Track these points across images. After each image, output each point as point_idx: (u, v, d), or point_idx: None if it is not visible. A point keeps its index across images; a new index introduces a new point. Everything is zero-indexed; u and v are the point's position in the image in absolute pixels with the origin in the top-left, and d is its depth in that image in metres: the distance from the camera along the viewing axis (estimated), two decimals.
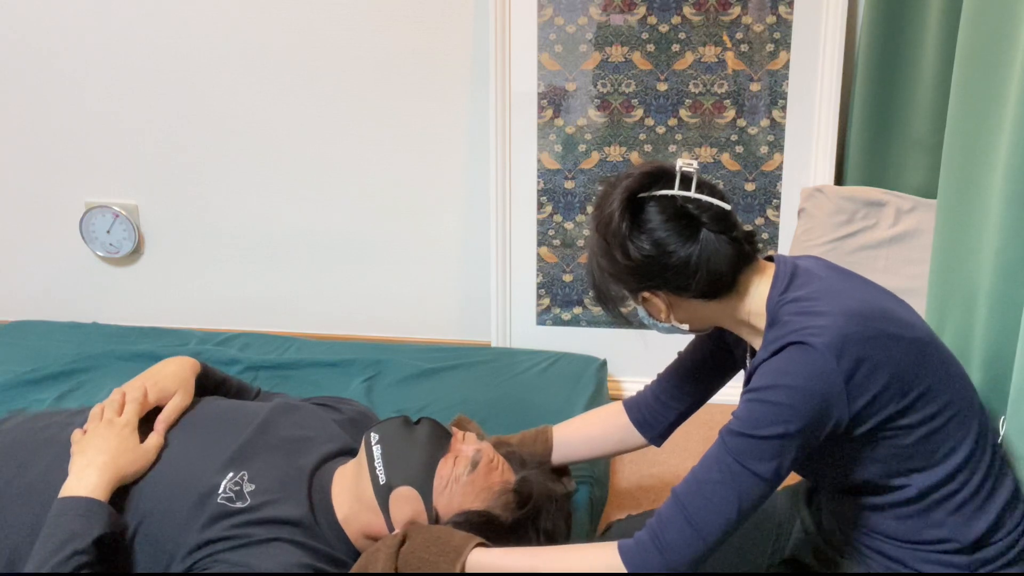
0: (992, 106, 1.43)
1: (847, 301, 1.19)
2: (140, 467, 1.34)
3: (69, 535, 1.21)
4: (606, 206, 1.24)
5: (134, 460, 1.34)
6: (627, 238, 1.21)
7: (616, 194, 1.23)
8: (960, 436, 1.21)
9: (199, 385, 1.54)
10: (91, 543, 1.21)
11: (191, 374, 1.51)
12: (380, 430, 1.40)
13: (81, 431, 1.37)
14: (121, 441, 1.34)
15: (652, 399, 1.53)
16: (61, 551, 1.19)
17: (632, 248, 1.21)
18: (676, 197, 1.21)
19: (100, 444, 1.33)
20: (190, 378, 1.50)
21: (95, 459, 1.31)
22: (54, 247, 2.72)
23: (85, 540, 1.20)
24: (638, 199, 1.22)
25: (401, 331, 2.66)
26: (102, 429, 1.36)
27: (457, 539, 1.27)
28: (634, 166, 1.27)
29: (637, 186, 1.23)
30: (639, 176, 1.23)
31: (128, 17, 2.46)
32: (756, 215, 2.38)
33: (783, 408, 1.13)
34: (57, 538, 1.20)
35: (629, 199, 1.22)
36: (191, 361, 1.54)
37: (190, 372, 1.51)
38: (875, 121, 2.23)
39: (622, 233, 1.21)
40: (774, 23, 2.26)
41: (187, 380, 1.49)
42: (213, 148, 2.56)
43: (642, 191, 1.22)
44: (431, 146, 2.48)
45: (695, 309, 1.27)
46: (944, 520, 1.22)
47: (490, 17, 2.29)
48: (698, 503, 1.15)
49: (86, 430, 1.37)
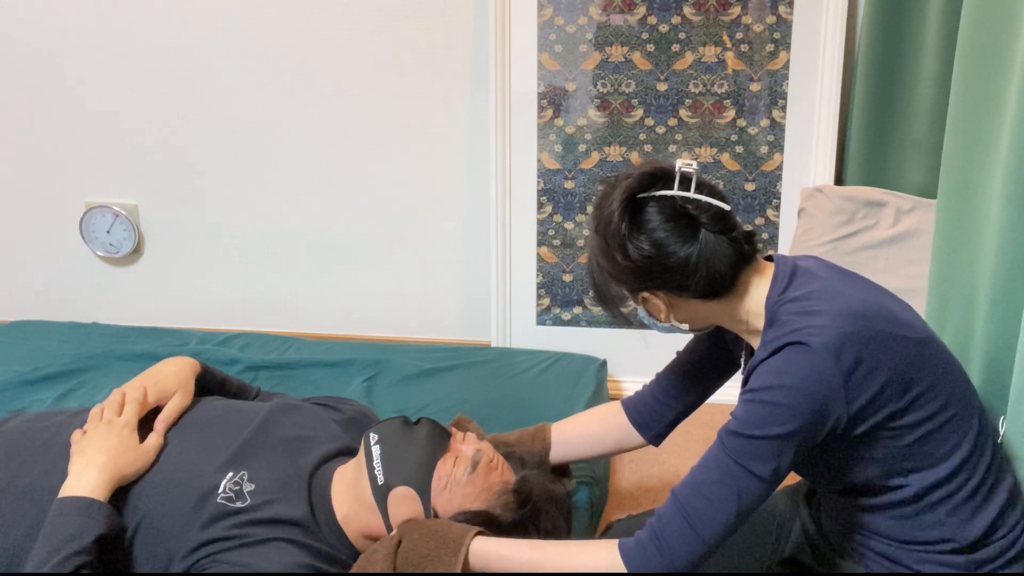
0: (992, 106, 1.43)
1: (846, 301, 1.19)
2: (139, 467, 1.34)
3: (68, 535, 1.21)
4: (606, 206, 1.24)
5: (133, 460, 1.34)
6: (627, 239, 1.21)
7: (616, 195, 1.23)
8: (959, 436, 1.21)
9: (199, 386, 1.54)
10: (90, 543, 1.21)
11: (191, 374, 1.51)
12: (379, 430, 1.40)
13: (81, 431, 1.38)
14: (120, 441, 1.34)
15: (650, 399, 1.53)
16: (60, 551, 1.19)
17: (632, 248, 1.21)
18: (675, 198, 1.21)
19: (99, 444, 1.33)
20: (190, 378, 1.50)
21: (95, 459, 1.31)
22: (54, 247, 2.72)
23: (84, 540, 1.20)
24: (638, 200, 1.22)
25: (401, 331, 2.66)
26: (102, 429, 1.36)
27: (456, 530, 1.27)
28: (634, 166, 1.28)
29: (637, 186, 1.23)
30: (639, 176, 1.23)
31: (128, 17, 2.46)
32: (756, 215, 2.38)
33: (781, 408, 1.13)
34: (57, 538, 1.20)
35: (629, 199, 1.22)
36: (191, 361, 1.54)
37: (190, 372, 1.52)
38: (875, 121, 2.23)
39: (621, 233, 1.21)
40: (774, 23, 2.26)
41: (187, 380, 1.49)
42: (213, 148, 2.56)
43: (642, 191, 1.23)
44: (431, 146, 2.48)
45: (694, 309, 1.27)
46: (943, 520, 1.22)
47: (490, 17, 2.29)
48: (698, 503, 1.16)
49: (86, 430, 1.37)
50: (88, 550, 1.20)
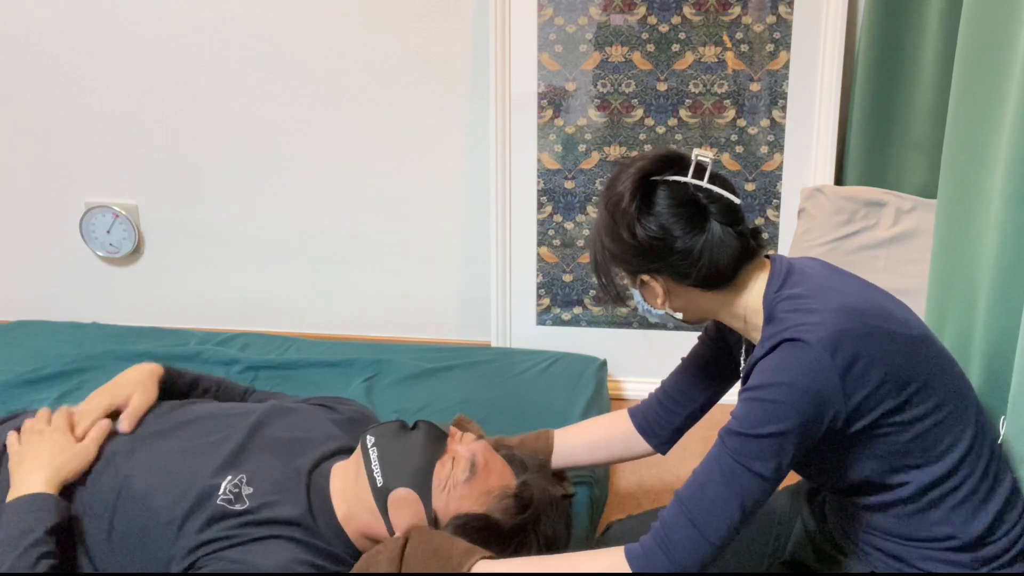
0: (992, 106, 1.43)
1: (842, 298, 1.19)
2: (78, 463, 1.37)
3: (20, 532, 1.23)
4: (617, 184, 1.24)
5: (70, 458, 1.36)
6: (635, 218, 1.22)
7: (629, 174, 1.23)
8: (957, 433, 1.21)
9: (171, 389, 1.56)
10: (44, 533, 1.23)
11: (149, 377, 1.53)
12: (376, 432, 1.40)
13: (17, 442, 1.41)
14: (53, 444, 1.38)
15: (656, 405, 1.53)
16: (17, 547, 1.21)
17: (639, 229, 1.22)
18: (688, 184, 1.22)
19: (33, 451, 1.37)
20: (148, 380, 1.52)
21: (32, 464, 1.34)
22: (54, 247, 2.73)
23: (38, 532, 1.23)
24: (650, 181, 1.23)
25: (401, 331, 2.66)
26: (31, 439, 1.39)
27: (458, 555, 1.25)
28: (649, 150, 1.28)
29: (651, 168, 1.23)
30: (653, 159, 1.24)
31: (128, 17, 2.46)
32: (756, 215, 2.38)
33: (780, 406, 1.13)
34: (11, 537, 1.23)
35: (641, 180, 1.22)
36: (151, 366, 1.56)
37: (148, 375, 1.54)
38: (875, 121, 2.23)
39: (631, 213, 1.22)
40: (774, 23, 2.26)
41: (144, 382, 1.51)
42: (213, 148, 2.56)
43: (655, 174, 1.23)
44: (431, 146, 2.48)
45: (692, 298, 1.28)
46: (945, 517, 1.22)
47: (490, 17, 2.29)
48: (701, 505, 1.15)
49: (20, 442, 1.41)
50: (44, 540, 1.23)
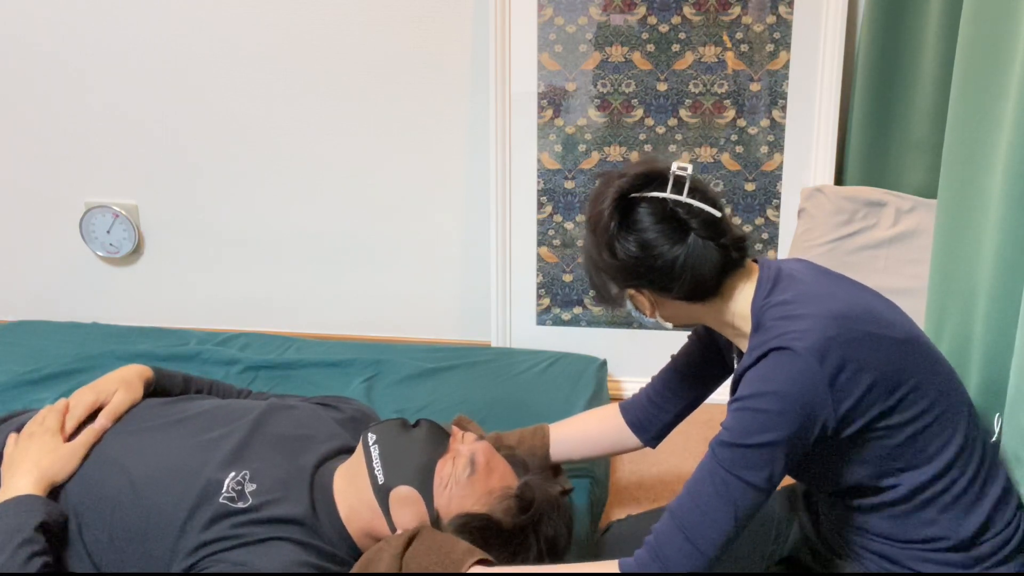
0: (992, 106, 1.43)
1: (829, 303, 1.19)
2: (66, 466, 1.37)
3: (8, 532, 1.24)
4: (598, 203, 1.25)
5: (56, 459, 1.37)
6: (615, 237, 1.22)
7: (608, 193, 1.24)
8: (948, 434, 1.21)
9: (160, 391, 1.57)
10: (32, 531, 1.24)
11: (135, 376, 1.54)
12: (377, 431, 1.40)
13: (15, 444, 1.41)
14: (42, 446, 1.38)
15: (646, 401, 1.54)
16: (7, 548, 1.22)
17: (619, 247, 1.22)
18: (667, 200, 1.22)
19: (22, 455, 1.38)
20: (133, 379, 1.53)
21: (19, 468, 1.35)
22: (54, 247, 2.73)
23: (26, 531, 1.24)
24: (630, 199, 1.23)
25: (401, 331, 2.66)
26: (23, 442, 1.40)
27: (458, 552, 1.26)
28: (631, 164, 1.28)
29: (629, 186, 1.24)
30: (632, 176, 1.24)
31: (128, 17, 2.46)
32: (756, 215, 2.38)
33: (770, 415, 1.13)
34: (0, 537, 1.24)
35: (620, 198, 1.23)
36: (139, 367, 1.57)
37: (134, 375, 1.54)
38: (875, 121, 2.23)
39: (610, 232, 1.22)
40: (774, 23, 2.26)
41: (129, 381, 1.52)
42: (213, 148, 2.56)
43: (634, 191, 1.23)
44: (431, 146, 2.48)
45: (678, 308, 1.29)
46: (936, 518, 1.22)
47: (490, 17, 2.29)
48: (694, 518, 1.15)
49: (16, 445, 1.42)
50: (33, 539, 1.23)
